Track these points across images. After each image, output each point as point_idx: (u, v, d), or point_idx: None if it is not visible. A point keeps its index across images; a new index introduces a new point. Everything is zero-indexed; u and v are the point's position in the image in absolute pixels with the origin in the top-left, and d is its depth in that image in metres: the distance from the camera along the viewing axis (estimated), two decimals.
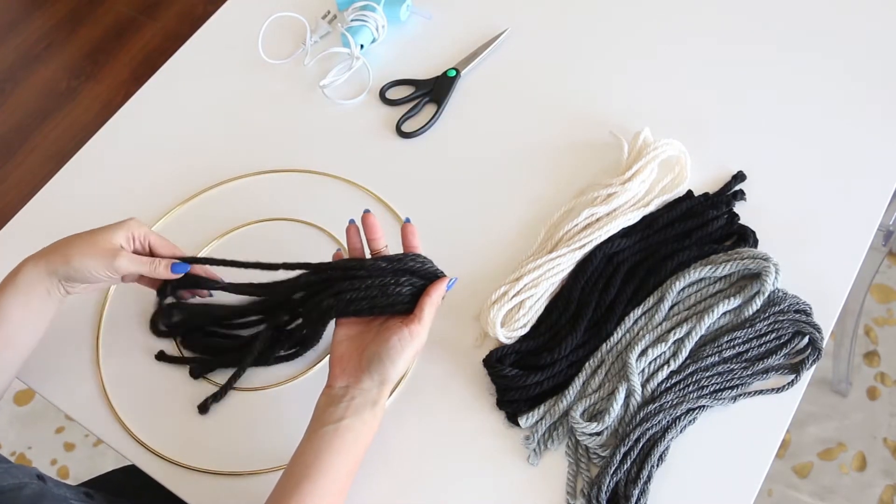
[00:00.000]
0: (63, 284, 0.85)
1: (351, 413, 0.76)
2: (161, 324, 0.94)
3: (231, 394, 0.90)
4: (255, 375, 0.91)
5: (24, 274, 0.84)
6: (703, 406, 0.83)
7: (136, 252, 0.86)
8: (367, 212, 0.85)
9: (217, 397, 0.89)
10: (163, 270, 0.86)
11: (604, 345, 0.86)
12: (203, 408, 0.89)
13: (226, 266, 0.89)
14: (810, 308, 0.86)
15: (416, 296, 0.82)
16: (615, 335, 0.87)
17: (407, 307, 0.81)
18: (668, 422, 0.82)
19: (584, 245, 0.91)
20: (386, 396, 0.79)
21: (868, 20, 1.07)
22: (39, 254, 0.85)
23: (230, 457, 0.87)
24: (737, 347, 0.84)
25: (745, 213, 0.93)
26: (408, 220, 0.85)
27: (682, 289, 0.88)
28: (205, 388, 0.91)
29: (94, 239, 0.84)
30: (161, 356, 0.93)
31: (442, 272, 0.84)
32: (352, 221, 0.86)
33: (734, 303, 0.86)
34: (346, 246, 0.89)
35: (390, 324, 0.80)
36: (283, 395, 0.90)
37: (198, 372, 0.91)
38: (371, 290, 0.81)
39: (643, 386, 0.84)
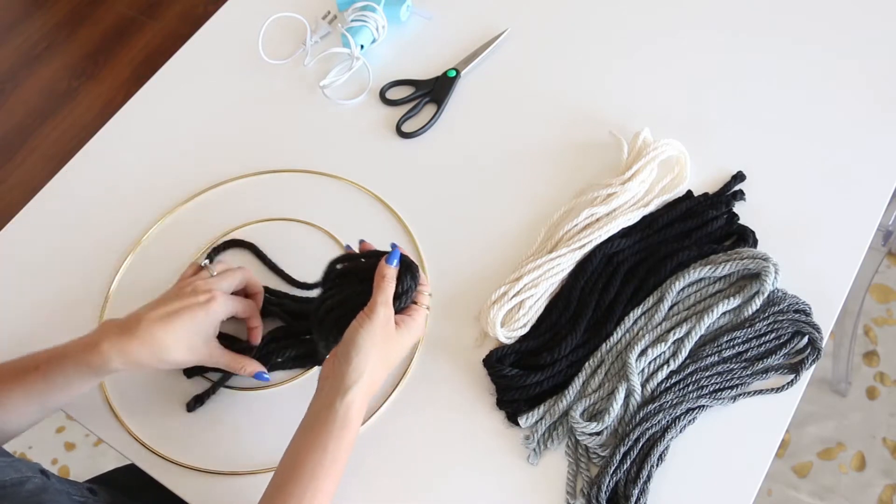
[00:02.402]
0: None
1: (325, 398, 0.76)
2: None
3: (230, 394, 0.90)
4: None
5: (102, 361, 0.78)
6: (703, 406, 0.83)
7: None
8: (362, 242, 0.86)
9: (201, 399, 0.89)
10: (246, 375, 0.86)
11: (604, 345, 0.86)
12: (189, 407, 0.89)
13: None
14: (810, 308, 0.86)
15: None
16: (615, 335, 0.87)
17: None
18: (667, 422, 0.82)
19: (583, 245, 0.91)
20: (361, 383, 0.75)
21: (869, 21, 1.07)
22: (126, 339, 0.78)
23: (230, 456, 0.87)
24: (736, 347, 0.84)
25: (745, 213, 0.94)
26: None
27: (682, 289, 0.88)
28: (205, 388, 0.91)
29: (182, 333, 0.80)
30: None
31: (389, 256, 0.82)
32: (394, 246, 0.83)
33: (734, 303, 0.86)
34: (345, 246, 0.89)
35: None
36: (282, 395, 0.90)
37: (191, 372, 0.92)
38: (347, 301, 0.81)
39: (643, 386, 0.84)
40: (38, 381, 0.79)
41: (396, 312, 0.80)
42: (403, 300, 0.81)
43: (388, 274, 0.80)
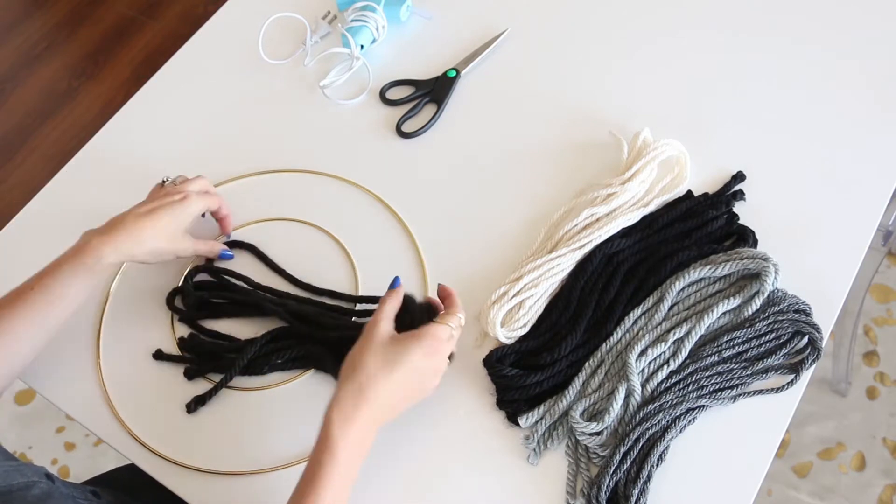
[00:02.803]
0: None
1: (331, 412, 0.75)
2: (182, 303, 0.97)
3: (231, 394, 0.90)
4: (256, 376, 0.91)
5: (96, 257, 0.86)
6: (703, 406, 0.83)
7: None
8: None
9: (202, 401, 0.89)
10: (216, 255, 0.98)
11: (604, 345, 0.86)
12: (189, 408, 0.89)
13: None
14: (810, 308, 0.86)
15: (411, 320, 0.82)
16: (615, 335, 0.87)
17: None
18: (667, 422, 0.82)
19: (583, 245, 0.91)
20: (348, 387, 0.75)
21: (869, 21, 1.07)
22: (115, 233, 0.87)
23: (230, 456, 0.87)
24: (736, 347, 0.84)
25: (745, 213, 0.94)
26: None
27: (682, 289, 0.88)
28: (206, 389, 0.91)
29: (165, 225, 0.89)
30: (158, 355, 0.93)
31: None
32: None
33: (734, 303, 0.86)
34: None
35: None
36: (282, 395, 0.90)
37: (192, 374, 0.92)
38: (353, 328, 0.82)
39: (643, 386, 0.84)
40: (37, 296, 0.84)
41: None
42: (408, 320, 0.81)
43: (385, 296, 0.81)
